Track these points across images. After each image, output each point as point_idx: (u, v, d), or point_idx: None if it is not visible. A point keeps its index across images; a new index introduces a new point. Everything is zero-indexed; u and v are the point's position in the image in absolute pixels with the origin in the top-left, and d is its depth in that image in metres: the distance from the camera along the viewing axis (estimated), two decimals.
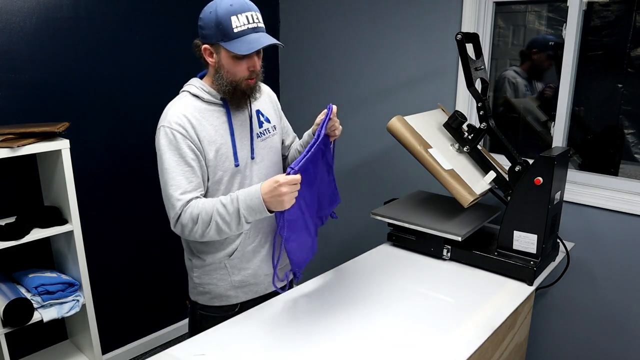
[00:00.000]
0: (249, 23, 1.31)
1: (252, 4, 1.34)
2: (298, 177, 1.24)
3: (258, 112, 1.52)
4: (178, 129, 1.34)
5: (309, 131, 1.55)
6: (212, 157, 1.39)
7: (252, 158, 1.47)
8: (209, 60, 1.38)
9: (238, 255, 1.48)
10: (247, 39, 1.30)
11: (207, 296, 1.54)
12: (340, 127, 1.44)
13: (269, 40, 1.32)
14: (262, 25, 1.35)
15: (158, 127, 1.38)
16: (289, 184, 1.22)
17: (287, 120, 1.71)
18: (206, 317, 1.55)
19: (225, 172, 1.41)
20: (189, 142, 1.35)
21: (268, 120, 1.55)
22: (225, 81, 1.37)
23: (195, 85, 1.43)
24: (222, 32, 1.30)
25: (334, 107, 1.38)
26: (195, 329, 1.60)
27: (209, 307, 1.54)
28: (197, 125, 1.37)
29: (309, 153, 1.29)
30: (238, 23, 1.29)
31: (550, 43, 2.15)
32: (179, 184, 1.34)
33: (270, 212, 1.28)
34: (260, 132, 1.51)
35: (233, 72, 1.36)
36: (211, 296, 1.53)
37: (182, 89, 1.46)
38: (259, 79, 1.44)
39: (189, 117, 1.36)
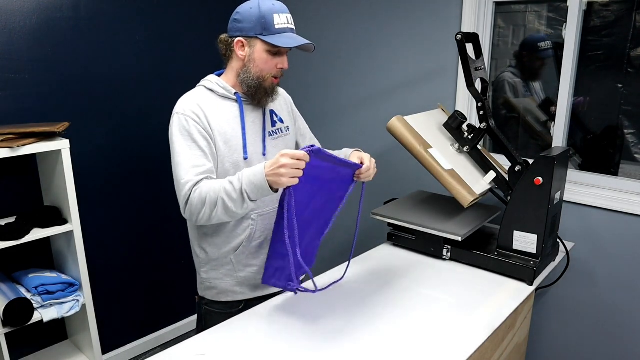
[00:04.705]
0: (288, 23, 1.40)
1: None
2: (303, 154, 1.18)
3: (272, 111, 1.56)
4: (191, 115, 1.38)
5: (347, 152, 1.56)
6: (221, 147, 1.41)
7: (264, 155, 1.49)
8: (239, 53, 1.41)
9: (243, 250, 1.49)
10: (287, 35, 1.39)
11: (213, 291, 1.55)
12: (371, 177, 1.44)
13: (306, 40, 1.39)
14: (295, 29, 1.45)
15: (172, 115, 1.41)
16: (291, 157, 1.17)
17: (304, 123, 1.73)
18: (210, 313, 1.57)
19: (233, 165, 1.43)
20: (201, 129, 1.38)
21: (282, 121, 1.58)
22: (252, 75, 1.41)
23: (210, 80, 1.48)
24: (264, 26, 1.37)
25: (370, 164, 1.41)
26: (200, 325, 1.62)
27: (214, 302, 1.56)
28: (209, 114, 1.40)
29: (332, 157, 1.27)
30: (279, 21, 1.38)
31: (538, 44, 2.16)
32: (189, 167, 1.35)
33: (273, 190, 1.24)
34: (273, 131, 1.53)
35: (263, 67, 1.41)
36: (217, 291, 1.54)
37: (198, 84, 1.50)
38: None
39: (201, 106, 1.40)
